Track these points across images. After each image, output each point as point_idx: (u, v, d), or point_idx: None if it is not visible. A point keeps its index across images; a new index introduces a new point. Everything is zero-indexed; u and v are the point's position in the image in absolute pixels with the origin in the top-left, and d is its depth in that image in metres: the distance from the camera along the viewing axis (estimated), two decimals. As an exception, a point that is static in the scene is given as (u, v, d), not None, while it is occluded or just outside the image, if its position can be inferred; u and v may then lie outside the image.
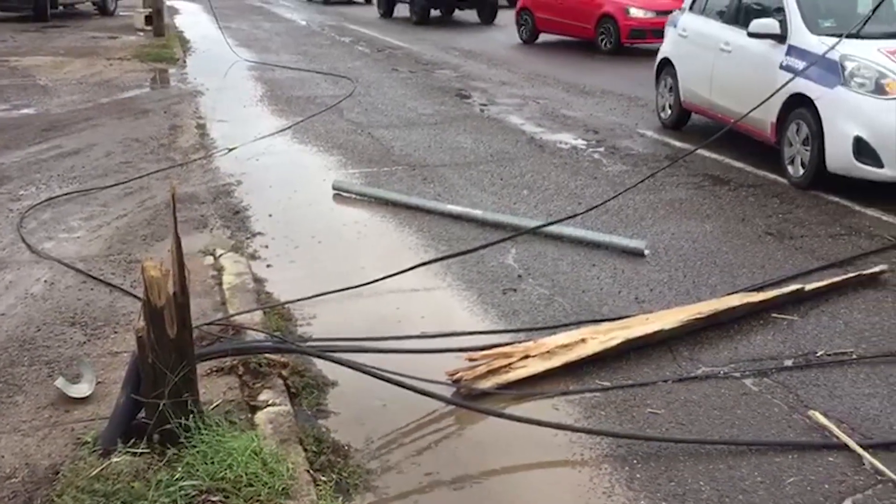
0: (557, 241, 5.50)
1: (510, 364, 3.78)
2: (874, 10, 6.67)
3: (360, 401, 3.61)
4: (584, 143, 8.34)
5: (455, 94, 11.16)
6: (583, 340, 3.93)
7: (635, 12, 14.67)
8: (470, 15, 21.23)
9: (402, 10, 22.07)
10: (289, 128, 8.92)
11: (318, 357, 3.74)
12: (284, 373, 3.69)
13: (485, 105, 10.36)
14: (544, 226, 5.56)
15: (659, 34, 12.35)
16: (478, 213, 5.97)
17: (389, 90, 11.37)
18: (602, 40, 15.14)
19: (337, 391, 3.70)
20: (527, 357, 3.82)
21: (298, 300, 4.50)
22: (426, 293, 4.79)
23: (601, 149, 8.08)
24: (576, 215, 5.69)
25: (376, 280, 4.67)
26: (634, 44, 14.78)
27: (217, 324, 4.12)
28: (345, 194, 6.56)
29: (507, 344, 3.99)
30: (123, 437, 2.98)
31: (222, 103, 10.44)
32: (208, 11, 18.66)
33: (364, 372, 3.48)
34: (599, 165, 7.49)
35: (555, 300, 4.63)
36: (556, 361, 3.81)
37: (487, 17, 20.56)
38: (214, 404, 3.32)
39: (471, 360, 3.81)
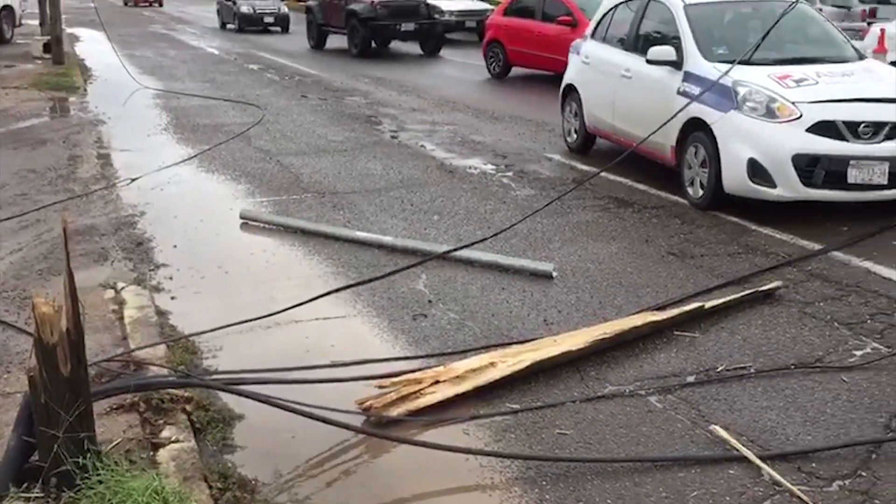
0: (468, 266, 5.54)
1: (420, 390, 3.77)
2: (763, 38, 7.01)
3: (267, 434, 3.54)
4: (494, 167, 8.45)
5: (365, 120, 11.17)
6: (492, 364, 3.96)
7: None
8: (410, 47, 20.50)
9: (335, 42, 21.05)
10: (195, 156, 8.76)
11: (223, 390, 3.66)
12: (188, 408, 3.60)
13: (395, 131, 10.40)
14: (454, 250, 5.59)
15: None
16: (388, 239, 5.97)
17: (299, 117, 11.30)
18: None
19: (244, 425, 3.62)
20: (437, 382, 3.82)
21: (203, 332, 4.40)
22: (336, 321, 4.74)
23: (510, 173, 8.20)
24: (484, 239, 5.75)
25: (284, 309, 4.60)
26: None
27: (116, 359, 3.98)
28: (253, 223, 6.47)
29: (417, 370, 3.98)
30: (16, 481, 2.84)
31: (125, 132, 10.18)
32: (112, 39, 18.21)
33: (271, 404, 3.42)
34: (508, 190, 7.59)
35: (465, 325, 4.66)
36: (466, 386, 3.82)
37: (432, 49, 19.72)
38: (114, 443, 3.20)
39: (381, 387, 3.79)
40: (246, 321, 4.51)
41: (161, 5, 44.08)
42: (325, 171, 8.22)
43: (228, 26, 28.57)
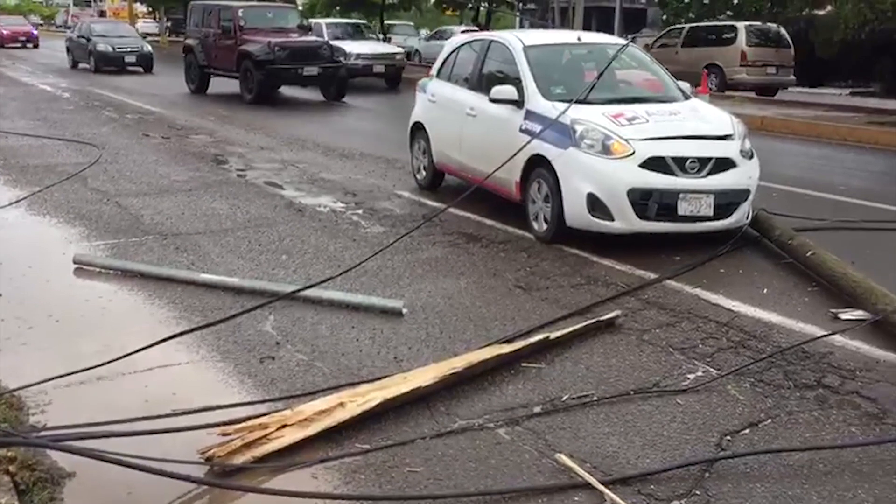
0: (317, 306, 5.46)
1: (267, 435, 3.65)
2: (598, 78, 7.38)
3: (102, 492, 3.33)
4: (344, 205, 8.42)
5: (211, 159, 10.89)
6: (341, 405, 3.89)
7: None
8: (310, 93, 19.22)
9: (221, 86, 19.45)
10: (24, 199, 8.25)
11: (50, 447, 3.42)
12: (12, 468, 3.33)
13: (242, 170, 10.19)
14: (302, 290, 5.50)
15: None
16: (234, 280, 5.81)
17: (139, 156, 10.88)
18: None
19: (75, 483, 3.38)
20: (284, 426, 3.71)
21: (30, 385, 4.10)
22: (178, 368, 4.54)
23: (360, 211, 8.19)
24: (332, 278, 5.70)
25: (120, 357, 4.37)
26: None
27: (-70, 421, 3.65)
28: (88, 268, 6.13)
29: (263, 414, 3.86)
30: None
31: (-55, 174, 9.48)
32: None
33: (103, 459, 3.21)
34: (358, 227, 7.57)
35: (314, 365, 4.57)
36: (314, 428, 3.74)
37: (335, 96, 18.54)
38: (-77, 514, 2.92)
39: (225, 434, 3.64)
40: (78, 371, 4.25)
41: (36, 46, 40.37)
42: (168, 211, 7.93)
43: (81, 65, 26.87)
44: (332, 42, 19.73)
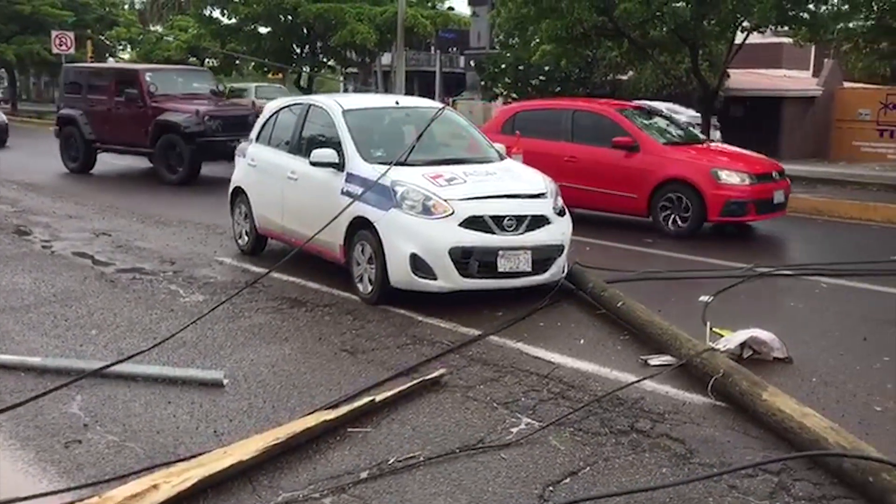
0: (130, 382, 5.15)
1: (70, 527, 3.38)
2: (417, 140, 7.55)
3: None
4: (160, 274, 8.07)
5: (13, 230, 10.18)
6: (154, 486, 3.66)
7: (730, 177, 10.39)
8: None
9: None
10: None
11: None
12: None
13: (48, 241, 9.58)
14: (111, 365, 5.19)
15: (766, 208, 10.53)
16: (36, 360, 5.39)
17: (-70, 229, 10.01)
18: (668, 217, 10.64)
19: None
20: (90, 516, 3.45)
21: None
22: (-31, 460, 4.14)
23: (178, 279, 7.88)
24: (143, 351, 5.43)
25: None
26: (729, 222, 10.69)
27: None
28: None
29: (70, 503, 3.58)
30: None
31: None
32: None
33: None
34: (176, 297, 7.27)
35: (126, 446, 4.29)
36: (125, 515, 3.49)
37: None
38: None
39: (21, 531, 3.34)
40: None
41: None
42: (-38, 288, 7.30)
43: None
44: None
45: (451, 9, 33.76)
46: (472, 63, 36.45)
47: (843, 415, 4.74)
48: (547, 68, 26.08)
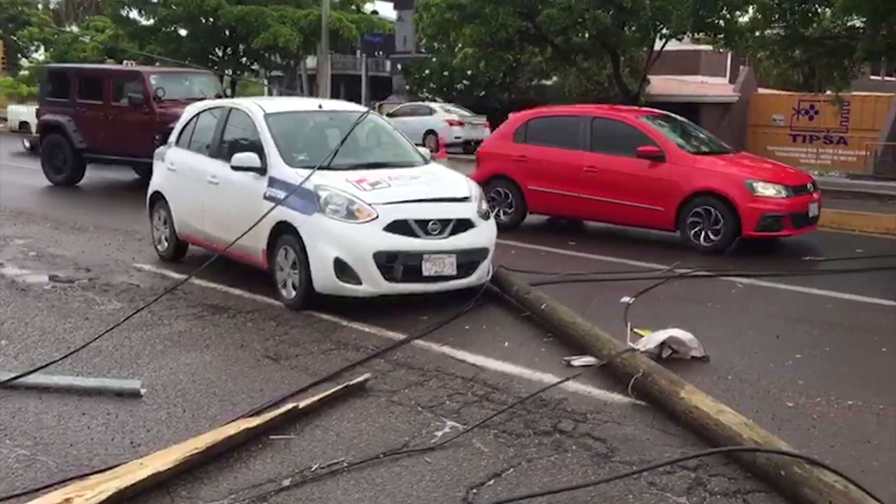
0: (42, 394, 4.97)
1: (-24, 547, 3.24)
2: (340, 145, 7.50)
3: None
4: (75, 282, 7.81)
5: (-84, 237, 9.73)
6: (67, 500, 3.54)
7: (765, 189, 9.87)
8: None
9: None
10: None
11: None
12: None
13: (-45, 249, 9.19)
14: (20, 376, 5.00)
15: (802, 222, 10.05)
16: (-59, 372, 5.16)
17: None
18: (698, 232, 9.98)
19: None
20: (-2, 534, 3.31)
21: None
22: None
23: (94, 287, 7.64)
24: (54, 361, 5.25)
25: None
26: (766, 238, 10.06)
27: None
28: None
29: (-27, 523, 3.43)
30: None
31: None
32: None
33: None
34: (92, 305, 7.05)
35: (37, 460, 4.13)
36: (35, 531, 3.37)
37: None
38: None
39: (-78, 552, 3.18)
40: None
41: None
42: None
43: None
44: None
45: (374, 13, 33.72)
46: (398, 67, 36.42)
47: (756, 411, 4.88)
48: (470, 73, 26.29)
